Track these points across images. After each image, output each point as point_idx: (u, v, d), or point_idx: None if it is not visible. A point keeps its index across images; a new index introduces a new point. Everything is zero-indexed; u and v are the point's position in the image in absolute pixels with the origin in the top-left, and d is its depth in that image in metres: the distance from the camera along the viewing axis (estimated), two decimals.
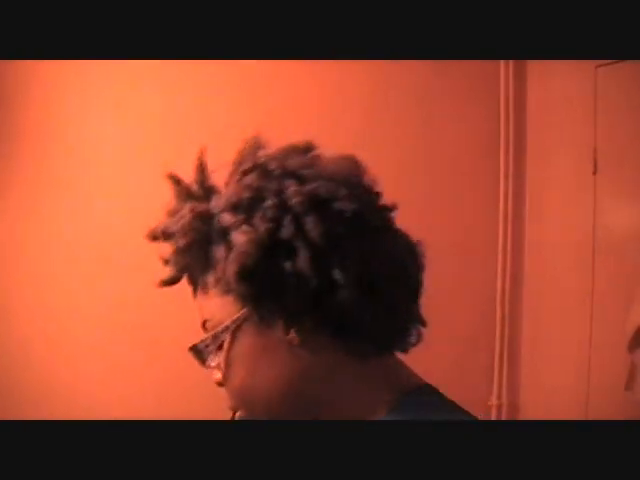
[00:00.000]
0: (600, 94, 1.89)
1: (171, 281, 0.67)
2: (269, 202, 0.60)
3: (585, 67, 1.90)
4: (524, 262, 2.10)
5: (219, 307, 0.63)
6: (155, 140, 1.81)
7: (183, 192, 0.67)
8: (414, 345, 0.68)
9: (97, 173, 1.80)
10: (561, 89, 2.03)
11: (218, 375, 0.66)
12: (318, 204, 0.60)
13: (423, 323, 0.69)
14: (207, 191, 0.67)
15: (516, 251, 2.09)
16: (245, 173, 0.64)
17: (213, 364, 0.65)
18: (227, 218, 0.62)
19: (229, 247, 0.60)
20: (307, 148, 0.69)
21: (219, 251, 0.61)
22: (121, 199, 1.79)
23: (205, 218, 0.63)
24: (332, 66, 1.87)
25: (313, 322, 0.60)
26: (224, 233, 0.61)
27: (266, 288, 0.59)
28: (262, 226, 0.59)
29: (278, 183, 0.62)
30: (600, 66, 1.87)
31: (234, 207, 0.61)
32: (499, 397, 2.04)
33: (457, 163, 2.05)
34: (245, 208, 0.61)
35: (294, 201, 0.60)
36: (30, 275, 1.76)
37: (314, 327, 0.60)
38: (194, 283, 0.67)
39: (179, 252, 0.64)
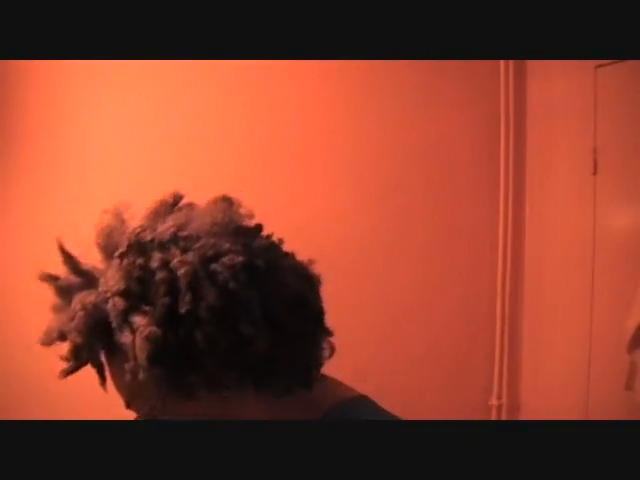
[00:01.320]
0: (600, 94, 1.89)
1: (73, 371, 0.65)
2: (159, 276, 0.59)
3: (585, 67, 1.90)
4: (524, 262, 2.10)
5: (141, 388, 0.61)
6: (157, 139, 1.81)
7: (63, 287, 0.65)
8: (329, 358, 0.68)
9: (99, 172, 1.80)
10: (561, 89, 2.03)
11: None
12: (206, 266, 0.59)
13: (330, 334, 0.69)
14: (86, 276, 0.65)
15: (516, 251, 2.09)
16: (123, 256, 0.62)
17: None
18: (121, 302, 0.60)
19: (133, 330, 0.59)
20: (175, 200, 0.68)
21: (124, 336, 0.59)
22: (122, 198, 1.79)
23: (98, 308, 0.61)
24: (330, 66, 1.87)
25: (234, 378, 0.60)
26: (124, 316, 0.59)
27: (181, 364, 0.58)
28: (159, 302, 0.58)
29: (160, 254, 0.60)
30: (600, 66, 1.87)
31: (125, 293, 0.60)
32: (499, 397, 2.04)
33: (457, 163, 2.05)
34: (136, 289, 0.60)
35: (182, 272, 0.58)
36: (30, 274, 1.76)
37: (236, 382, 0.60)
38: (100, 370, 0.65)
39: (80, 349, 0.62)
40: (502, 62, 2.07)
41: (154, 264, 0.60)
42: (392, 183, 1.96)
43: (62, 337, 0.63)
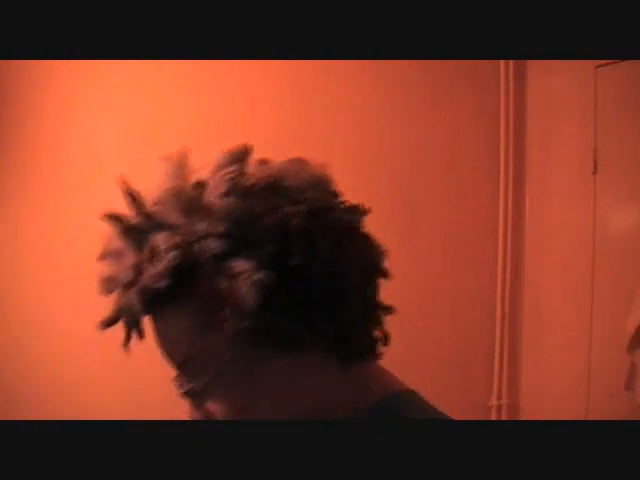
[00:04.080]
0: (600, 94, 1.89)
1: (115, 323, 0.61)
2: (268, 222, 0.55)
3: (585, 67, 1.90)
4: (524, 262, 2.10)
5: (213, 345, 0.57)
6: (159, 137, 1.81)
7: (129, 228, 0.59)
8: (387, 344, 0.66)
9: (102, 173, 1.80)
10: (561, 89, 2.03)
11: (195, 415, 0.61)
12: (317, 219, 0.57)
13: (391, 310, 0.66)
14: (153, 219, 0.59)
15: (516, 251, 2.09)
16: (223, 196, 0.57)
17: (211, 402, 0.59)
18: (219, 245, 0.55)
19: (230, 276, 0.54)
20: (246, 152, 0.64)
21: (217, 282, 0.55)
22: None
23: (187, 251, 0.55)
24: (330, 66, 1.87)
25: (318, 339, 0.58)
26: (220, 260, 0.55)
27: (289, 315, 0.55)
28: (266, 249, 0.55)
29: (267, 200, 0.57)
30: (600, 66, 1.87)
31: (224, 235, 0.55)
32: (499, 397, 2.04)
33: (457, 163, 2.05)
34: (238, 232, 0.55)
35: (296, 222, 0.56)
36: (32, 274, 1.76)
37: (317, 344, 0.58)
38: (138, 325, 0.61)
39: (159, 294, 0.56)
40: (502, 62, 2.07)
41: (260, 209, 0.56)
42: (392, 183, 1.96)
43: (130, 284, 0.57)
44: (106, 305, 0.63)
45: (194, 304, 0.57)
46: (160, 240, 0.56)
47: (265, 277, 0.53)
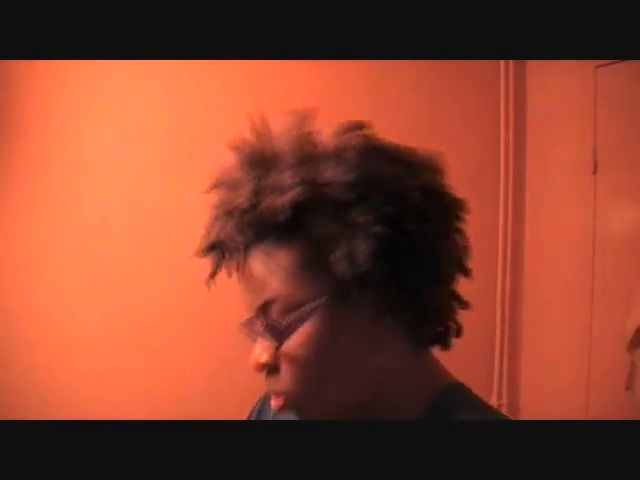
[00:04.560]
0: (600, 94, 1.89)
1: (212, 249, 0.62)
2: (390, 188, 0.58)
3: (585, 67, 1.90)
4: (524, 262, 2.10)
5: (304, 283, 0.58)
6: (156, 139, 1.81)
7: (253, 157, 0.61)
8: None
9: (99, 173, 1.80)
10: (561, 89, 2.03)
11: (264, 357, 0.60)
12: (434, 199, 0.61)
13: (467, 305, 0.70)
14: (276, 155, 0.61)
15: (516, 251, 2.09)
16: (355, 149, 0.60)
17: (289, 344, 0.59)
18: (341, 192, 0.57)
19: (347, 224, 0.56)
20: (362, 124, 0.67)
21: (332, 227, 0.56)
22: (122, 199, 1.79)
23: (312, 189, 0.57)
24: (331, 66, 1.87)
25: (410, 311, 0.60)
26: (335, 207, 0.57)
27: (393, 272, 0.57)
28: (386, 210, 0.57)
29: (392, 168, 0.60)
30: (600, 66, 1.87)
31: (351, 185, 0.57)
32: (499, 397, 2.04)
33: (457, 163, 2.04)
34: (362, 187, 0.57)
35: (415, 196, 0.59)
36: (32, 276, 1.76)
37: (404, 316, 0.60)
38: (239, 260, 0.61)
39: (274, 226, 0.57)
40: (502, 62, 2.07)
41: (386, 172, 0.59)
42: None
43: (245, 211, 0.58)
44: (106, 310, 0.63)
45: (303, 243, 0.58)
46: (286, 176, 0.58)
47: (383, 231, 0.56)
